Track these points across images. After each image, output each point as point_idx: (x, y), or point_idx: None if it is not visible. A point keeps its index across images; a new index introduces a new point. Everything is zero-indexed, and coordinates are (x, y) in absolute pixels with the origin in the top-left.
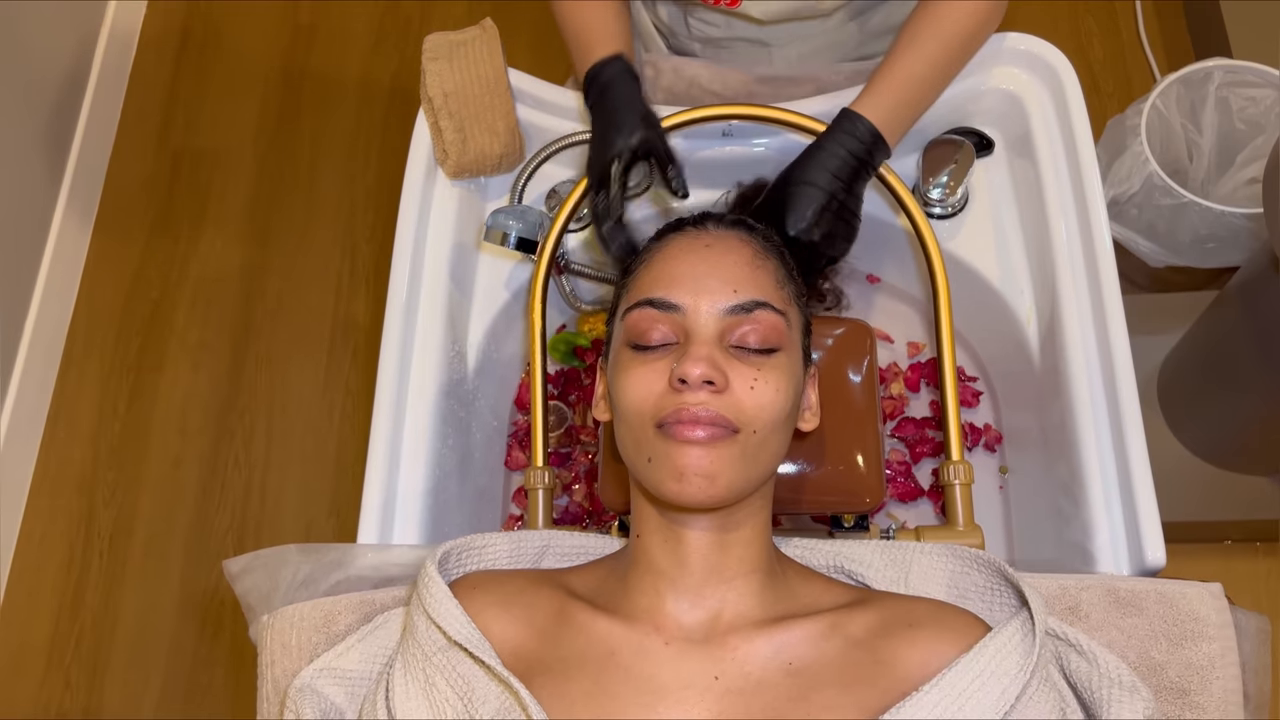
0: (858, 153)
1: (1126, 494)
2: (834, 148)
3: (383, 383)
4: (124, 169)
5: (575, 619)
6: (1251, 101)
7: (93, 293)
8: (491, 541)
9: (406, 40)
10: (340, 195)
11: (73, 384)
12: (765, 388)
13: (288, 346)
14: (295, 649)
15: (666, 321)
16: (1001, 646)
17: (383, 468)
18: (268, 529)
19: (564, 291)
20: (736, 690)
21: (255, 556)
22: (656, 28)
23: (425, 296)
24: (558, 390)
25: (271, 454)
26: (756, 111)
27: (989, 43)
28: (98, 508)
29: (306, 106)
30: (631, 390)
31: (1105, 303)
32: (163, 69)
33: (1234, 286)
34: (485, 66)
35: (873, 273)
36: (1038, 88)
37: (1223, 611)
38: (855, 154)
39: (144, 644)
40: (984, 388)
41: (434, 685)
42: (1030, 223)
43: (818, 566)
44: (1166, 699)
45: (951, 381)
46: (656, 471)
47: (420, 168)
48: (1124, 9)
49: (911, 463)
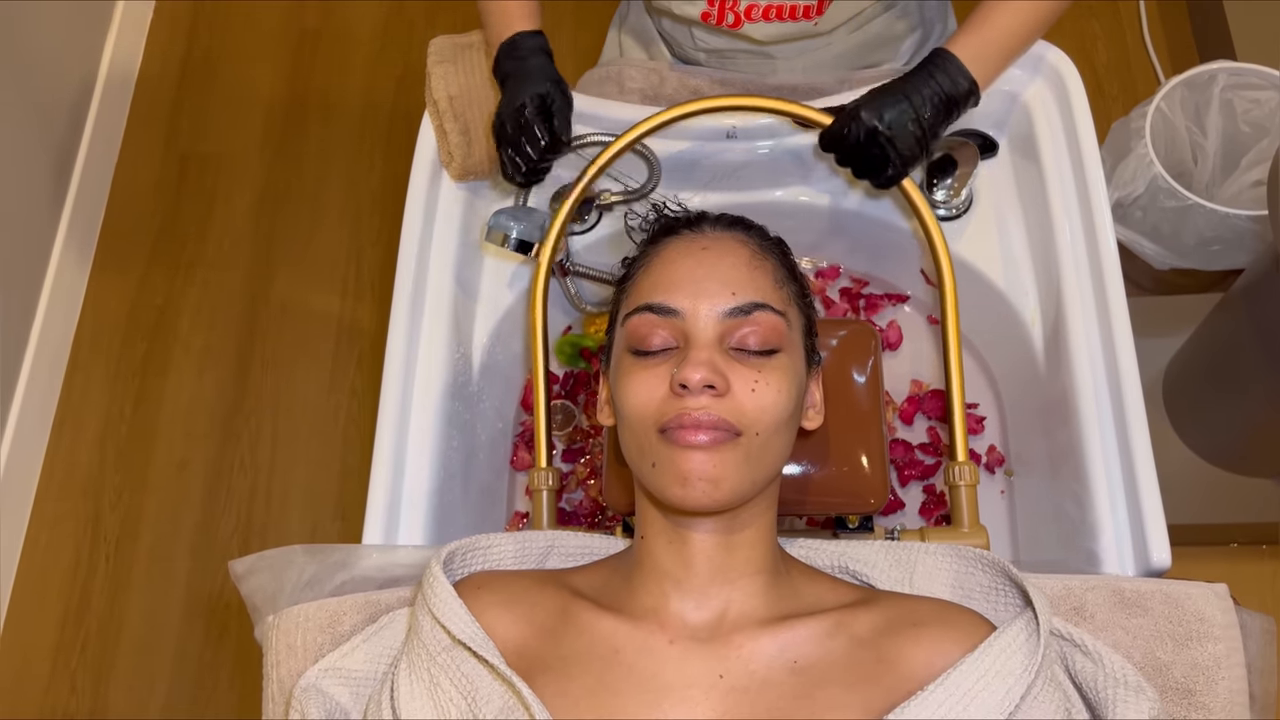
0: (952, 92)
1: (1131, 495)
2: (923, 77)
3: (388, 384)
4: (130, 175)
5: (579, 618)
6: (1256, 104)
7: (99, 297)
8: (496, 542)
9: (411, 44)
10: (345, 199)
11: (79, 388)
12: (766, 389)
13: (293, 350)
14: (300, 649)
15: (666, 326)
16: (1006, 646)
17: (388, 469)
18: (273, 532)
19: (568, 293)
20: (741, 689)
21: (261, 557)
22: (662, 35)
23: (430, 299)
24: (565, 390)
25: (277, 457)
26: (759, 103)
27: None
28: (104, 511)
29: (311, 111)
30: (633, 396)
31: (1110, 305)
32: (168, 75)
33: (1238, 289)
34: (490, 69)
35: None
36: (1042, 90)
37: (1228, 612)
38: (950, 92)
39: (150, 647)
40: (988, 390)
41: (438, 685)
42: (1035, 225)
43: (822, 567)
44: (1172, 699)
45: (958, 382)
46: (661, 476)
47: (425, 171)
48: (1128, 12)
49: (899, 485)
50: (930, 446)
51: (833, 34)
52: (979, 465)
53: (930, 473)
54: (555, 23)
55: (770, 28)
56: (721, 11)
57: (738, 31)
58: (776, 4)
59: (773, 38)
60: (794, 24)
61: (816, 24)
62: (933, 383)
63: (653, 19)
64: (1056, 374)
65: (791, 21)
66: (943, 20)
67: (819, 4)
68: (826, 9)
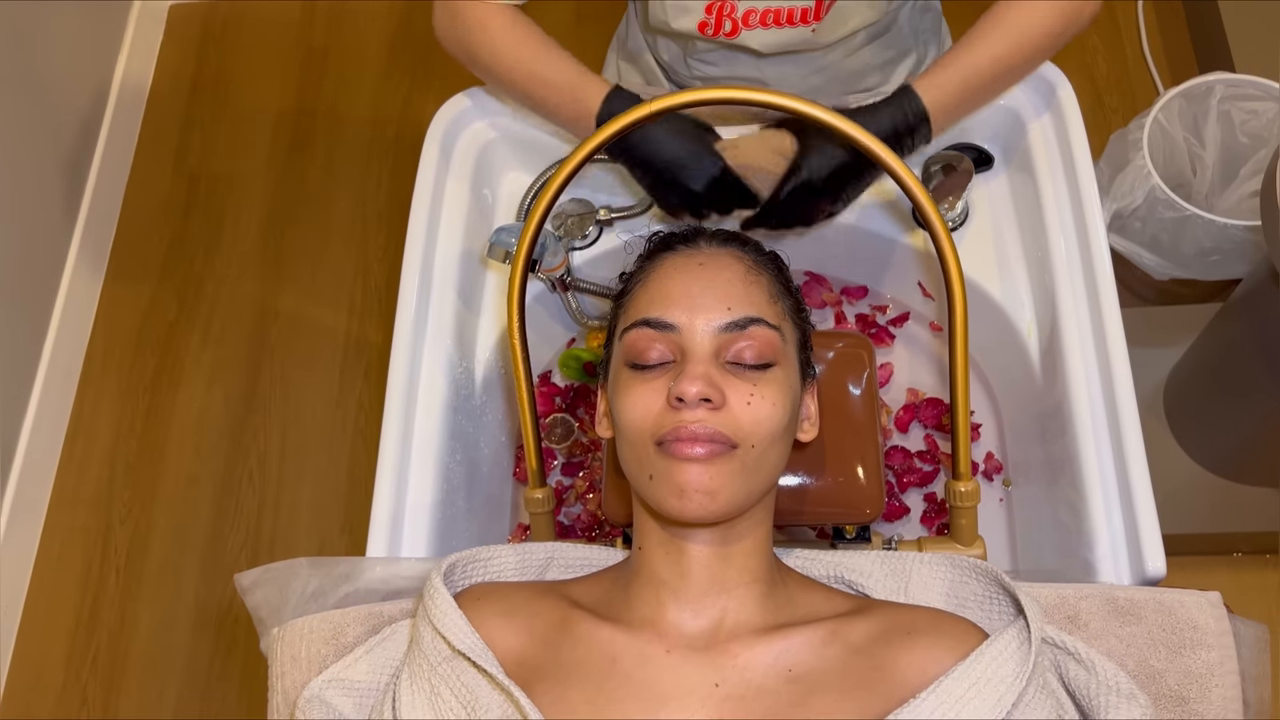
0: (900, 126)
1: (1127, 504)
2: (880, 117)
3: (391, 398)
4: (141, 191)
5: (578, 628)
6: (1254, 115)
7: (110, 313)
8: (497, 553)
9: (418, 63)
10: (353, 216)
11: (90, 403)
12: (762, 403)
13: (301, 364)
14: (305, 661)
15: (663, 340)
16: (998, 654)
17: (391, 482)
18: (281, 545)
19: (570, 308)
20: (737, 696)
21: (266, 570)
22: (658, 62)
23: (433, 313)
24: (566, 403)
25: (285, 471)
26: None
27: None
28: (114, 525)
29: (320, 129)
30: (631, 409)
31: (1104, 316)
32: (179, 93)
33: (1236, 299)
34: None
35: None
36: (1036, 103)
37: (1221, 620)
38: (898, 126)
39: (159, 659)
40: (985, 400)
41: (439, 694)
42: (1030, 237)
43: (818, 577)
44: (1166, 707)
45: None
46: (658, 488)
47: (428, 186)
48: (1128, 25)
49: (899, 491)
50: (928, 454)
51: (828, 53)
52: (976, 473)
53: (928, 479)
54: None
55: (768, 35)
56: (719, 20)
57: (735, 41)
58: (775, 8)
59: (771, 46)
60: (792, 30)
61: (814, 30)
62: (929, 391)
63: (648, 44)
64: (1052, 384)
65: (790, 27)
66: (938, 44)
67: (816, 9)
68: (825, 16)
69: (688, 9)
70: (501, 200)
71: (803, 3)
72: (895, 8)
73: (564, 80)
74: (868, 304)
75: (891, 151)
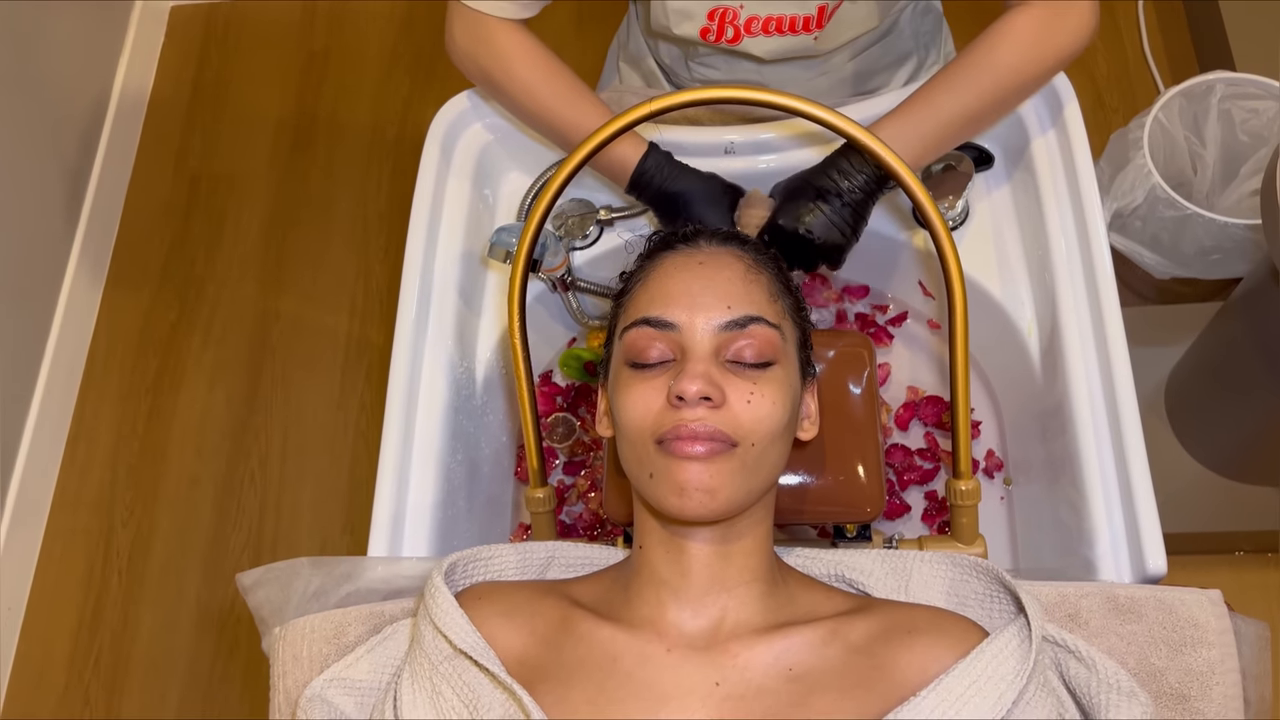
0: (871, 177)
1: (1127, 503)
2: (834, 172)
3: (392, 399)
4: (143, 194)
5: (578, 627)
6: (1254, 113)
7: (112, 315)
8: (498, 553)
9: (419, 65)
10: (354, 218)
11: (92, 405)
12: (762, 401)
13: (303, 366)
14: (306, 660)
15: (663, 339)
16: (998, 652)
17: (392, 482)
18: (283, 546)
19: (570, 308)
20: (737, 696)
21: (268, 570)
22: (659, 65)
23: (434, 313)
24: (567, 403)
25: (287, 472)
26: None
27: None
28: (116, 527)
29: (321, 131)
30: (631, 408)
31: (1105, 315)
32: (180, 95)
33: (1237, 298)
34: None
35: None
36: (1036, 103)
37: (1222, 618)
38: (871, 178)
39: (161, 660)
40: (986, 398)
41: (440, 693)
42: (1030, 236)
43: (819, 575)
44: (1166, 705)
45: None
46: (658, 487)
47: (429, 187)
48: (1128, 24)
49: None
50: (928, 452)
51: (830, 58)
52: (976, 471)
53: (929, 477)
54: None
55: (770, 42)
56: (721, 26)
57: (737, 48)
58: (777, 15)
59: (773, 53)
60: (794, 38)
61: (816, 38)
62: (928, 389)
63: (649, 47)
64: (1053, 383)
65: (791, 35)
66: (939, 46)
67: (819, 16)
68: (827, 24)
69: (690, 15)
70: (502, 200)
71: (805, 11)
72: (896, 11)
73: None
74: (868, 303)
75: (892, 151)
